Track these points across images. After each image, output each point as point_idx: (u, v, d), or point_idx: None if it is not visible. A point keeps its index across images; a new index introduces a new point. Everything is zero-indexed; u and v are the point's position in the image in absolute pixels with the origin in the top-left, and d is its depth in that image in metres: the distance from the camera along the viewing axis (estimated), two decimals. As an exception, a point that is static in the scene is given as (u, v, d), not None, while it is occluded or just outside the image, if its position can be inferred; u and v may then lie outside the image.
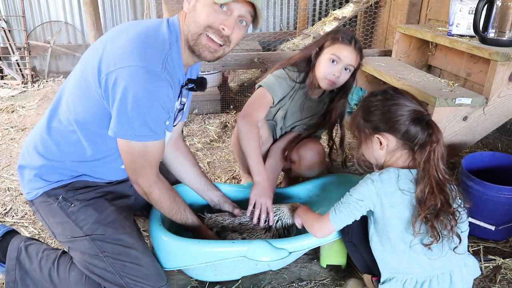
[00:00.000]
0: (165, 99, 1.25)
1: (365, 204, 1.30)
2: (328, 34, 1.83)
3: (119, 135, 1.25)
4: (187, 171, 1.71)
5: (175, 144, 1.69)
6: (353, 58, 1.76)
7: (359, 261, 1.50)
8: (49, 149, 1.39)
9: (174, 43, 1.30)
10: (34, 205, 1.44)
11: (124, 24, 1.33)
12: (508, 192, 1.76)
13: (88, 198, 1.41)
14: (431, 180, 1.21)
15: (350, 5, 3.77)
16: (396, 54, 2.96)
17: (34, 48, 4.51)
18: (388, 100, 1.28)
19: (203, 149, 2.88)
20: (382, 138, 1.28)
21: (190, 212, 1.55)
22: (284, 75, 1.87)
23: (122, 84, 1.18)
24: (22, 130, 3.17)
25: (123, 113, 1.21)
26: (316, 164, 1.91)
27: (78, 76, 1.32)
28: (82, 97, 1.30)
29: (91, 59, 1.27)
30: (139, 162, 1.31)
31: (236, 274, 1.58)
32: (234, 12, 1.27)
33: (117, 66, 1.19)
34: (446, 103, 2.02)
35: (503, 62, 2.01)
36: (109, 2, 4.57)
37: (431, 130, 1.23)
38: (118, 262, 1.34)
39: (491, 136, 2.81)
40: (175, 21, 1.34)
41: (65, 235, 1.39)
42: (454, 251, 1.26)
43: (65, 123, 1.35)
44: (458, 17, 2.36)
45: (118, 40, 1.25)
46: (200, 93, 3.51)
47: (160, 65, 1.22)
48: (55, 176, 1.40)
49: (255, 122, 1.77)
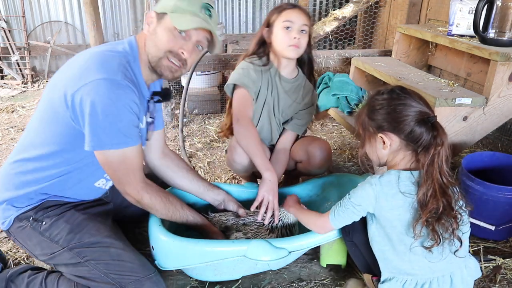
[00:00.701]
0: (131, 104, 1.29)
1: (363, 208, 1.30)
2: (272, 10, 1.88)
3: (96, 147, 1.28)
4: (182, 177, 1.71)
5: (163, 153, 1.70)
6: (304, 17, 1.80)
7: (360, 260, 1.50)
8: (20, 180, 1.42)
9: (132, 61, 1.37)
10: (11, 234, 1.46)
11: (80, 52, 1.40)
12: (508, 192, 1.76)
13: (58, 213, 1.43)
14: (434, 183, 1.20)
15: (350, 5, 3.77)
16: (396, 54, 2.96)
17: (34, 48, 4.52)
18: (395, 99, 1.27)
19: (203, 149, 2.88)
20: (385, 138, 1.27)
21: (189, 209, 1.56)
22: (246, 64, 1.88)
23: (88, 100, 1.23)
24: (22, 130, 3.17)
25: (95, 125, 1.25)
26: (325, 161, 1.93)
27: (43, 108, 1.38)
28: (51, 124, 1.35)
29: (54, 89, 1.33)
30: (120, 170, 1.33)
31: (236, 274, 1.58)
32: (192, 37, 1.37)
33: (79, 85, 1.24)
34: (446, 103, 2.02)
35: (503, 62, 2.01)
36: (109, 2, 4.57)
37: (436, 132, 1.21)
38: (101, 263, 1.36)
39: (491, 136, 2.81)
40: (133, 42, 1.42)
41: (45, 254, 1.41)
42: (455, 254, 1.25)
43: (34, 151, 1.39)
44: (458, 17, 2.36)
45: (75, 64, 1.33)
46: (200, 93, 3.52)
47: (119, 74, 1.28)
48: (25, 202, 1.43)
49: (248, 120, 1.78)
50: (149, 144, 1.62)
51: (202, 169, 2.58)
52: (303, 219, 1.52)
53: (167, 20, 1.35)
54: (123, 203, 1.49)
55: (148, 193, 1.41)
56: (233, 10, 4.84)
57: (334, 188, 1.83)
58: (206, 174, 2.52)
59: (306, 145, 1.95)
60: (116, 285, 1.35)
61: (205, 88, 3.62)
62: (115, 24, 4.69)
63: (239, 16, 4.89)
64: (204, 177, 2.33)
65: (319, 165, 1.93)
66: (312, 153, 1.91)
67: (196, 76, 3.55)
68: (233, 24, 4.90)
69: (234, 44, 4.15)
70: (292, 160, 2.02)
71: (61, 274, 1.44)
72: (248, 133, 1.75)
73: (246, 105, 1.82)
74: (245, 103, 1.83)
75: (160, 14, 1.37)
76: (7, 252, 1.78)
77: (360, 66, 2.90)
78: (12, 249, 1.80)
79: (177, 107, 3.39)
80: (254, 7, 4.87)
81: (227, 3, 4.79)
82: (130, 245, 1.45)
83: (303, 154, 1.94)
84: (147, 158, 1.68)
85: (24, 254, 1.77)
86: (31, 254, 1.47)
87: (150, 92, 1.50)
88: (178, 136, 2.79)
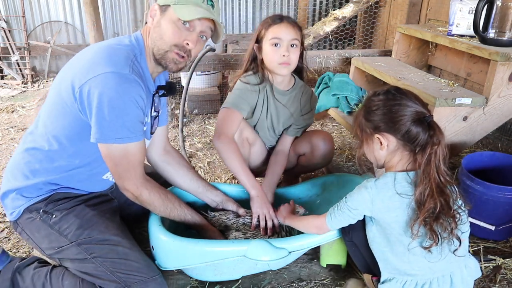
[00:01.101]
0: (138, 98, 1.30)
1: (359, 212, 1.31)
2: (260, 25, 1.81)
3: (100, 140, 1.29)
4: (182, 176, 1.71)
5: (165, 150, 1.70)
6: (292, 32, 1.72)
7: (360, 260, 1.50)
8: (30, 169, 1.43)
9: (138, 55, 1.38)
10: (19, 225, 1.46)
11: (88, 46, 1.42)
12: (508, 192, 1.76)
13: (68, 207, 1.44)
14: (431, 182, 1.20)
15: (350, 5, 3.77)
16: (396, 54, 2.96)
17: (34, 48, 4.51)
18: (390, 100, 1.27)
19: (203, 149, 2.88)
20: (382, 138, 1.27)
21: (188, 207, 1.56)
22: (242, 85, 1.84)
23: (96, 92, 1.25)
24: (22, 130, 3.17)
25: (101, 118, 1.26)
26: (329, 152, 1.95)
27: (52, 100, 1.39)
28: (59, 116, 1.36)
29: (63, 80, 1.34)
30: (122, 165, 1.34)
31: (236, 274, 1.58)
32: (196, 28, 1.39)
33: (88, 77, 1.26)
34: (446, 103, 2.02)
35: (503, 62, 2.01)
36: (109, 2, 4.57)
37: (432, 132, 1.22)
38: (108, 260, 1.36)
39: (491, 136, 2.81)
40: (139, 35, 1.44)
41: (52, 247, 1.41)
42: (454, 253, 1.25)
43: (43, 143, 1.40)
44: (458, 17, 2.36)
45: (83, 57, 1.35)
46: (200, 93, 3.52)
47: (127, 68, 1.29)
48: (35, 192, 1.43)
49: (229, 138, 1.75)
50: (152, 140, 1.62)
51: (202, 169, 2.59)
52: (299, 225, 1.53)
53: (170, 12, 1.36)
54: (127, 201, 1.49)
55: (147, 189, 1.41)
56: (233, 10, 4.84)
57: (334, 188, 1.83)
58: (206, 174, 2.52)
59: (310, 136, 1.96)
60: (122, 284, 1.35)
61: (205, 88, 3.62)
62: (115, 24, 4.69)
63: (239, 16, 4.89)
64: (204, 177, 2.34)
65: (323, 156, 1.94)
66: (316, 144, 1.92)
67: (196, 76, 3.55)
68: (233, 24, 4.90)
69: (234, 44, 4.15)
70: (295, 155, 2.02)
71: (66, 268, 1.44)
72: (230, 150, 1.72)
73: (229, 122, 1.78)
74: (230, 121, 1.78)
75: (163, 7, 1.38)
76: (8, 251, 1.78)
77: (360, 66, 2.90)
78: (12, 249, 1.80)
79: (177, 107, 3.39)
80: (254, 7, 4.87)
81: (227, 3, 4.79)
82: (136, 244, 1.45)
83: (306, 146, 1.95)
84: (148, 154, 1.68)
85: (24, 254, 1.77)
86: (37, 247, 1.47)
87: (155, 86, 1.51)
88: (178, 136, 2.79)
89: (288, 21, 1.74)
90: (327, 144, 1.93)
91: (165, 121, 1.68)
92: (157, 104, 1.53)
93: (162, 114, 1.61)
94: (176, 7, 1.35)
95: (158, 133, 1.64)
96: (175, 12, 1.34)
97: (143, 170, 1.41)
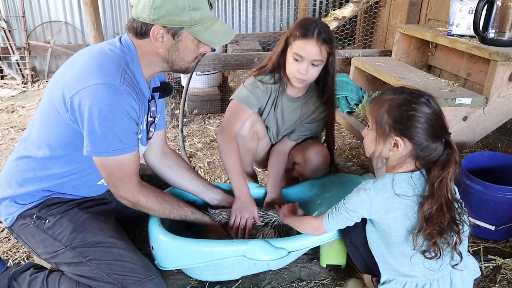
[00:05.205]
0: (129, 109, 1.28)
1: (357, 214, 1.30)
2: (292, 28, 1.73)
3: (92, 153, 1.29)
4: (182, 177, 1.71)
5: (163, 152, 1.70)
6: (316, 52, 1.65)
7: (359, 261, 1.50)
8: (23, 177, 1.42)
9: (130, 62, 1.35)
10: (14, 231, 1.46)
11: (81, 50, 1.40)
12: (508, 192, 1.76)
13: (62, 211, 1.43)
14: (441, 199, 1.19)
15: (350, 5, 3.77)
16: (396, 54, 2.96)
17: (34, 48, 4.52)
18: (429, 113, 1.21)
19: (203, 149, 2.88)
20: (400, 141, 1.23)
21: (187, 206, 1.56)
22: (255, 82, 1.82)
23: (87, 104, 1.23)
24: (22, 130, 3.18)
25: (92, 131, 1.25)
26: (321, 168, 1.88)
27: (45, 106, 1.37)
28: (52, 125, 1.35)
29: (55, 87, 1.32)
30: (116, 175, 1.34)
31: (235, 274, 1.58)
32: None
33: (78, 88, 1.24)
34: (446, 103, 2.02)
35: (503, 62, 2.01)
36: (109, 2, 4.57)
37: (450, 150, 1.20)
38: (103, 262, 1.36)
39: (491, 136, 2.81)
40: (128, 41, 1.36)
41: (48, 252, 1.41)
42: (454, 267, 1.26)
43: (36, 150, 1.39)
44: (458, 17, 2.36)
45: (75, 64, 1.33)
46: (200, 93, 3.52)
47: (118, 79, 1.26)
48: (28, 199, 1.43)
49: (232, 135, 1.76)
50: (150, 143, 1.62)
51: (202, 169, 2.59)
52: (298, 226, 1.52)
53: (188, 36, 1.33)
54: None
55: (144, 196, 1.41)
56: (233, 10, 4.84)
57: (334, 188, 1.83)
58: (206, 174, 2.52)
59: (304, 148, 1.91)
60: (118, 286, 1.35)
61: (205, 88, 3.62)
62: (115, 24, 4.69)
63: (239, 16, 4.89)
64: (204, 177, 2.33)
65: (314, 171, 1.88)
66: (309, 158, 1.86)
67: (196, 76, 3.55)
68: (233, 24, 4.90)
69: (234, 44, 4.15)
70: (291, 160, 2.01)
71: (62, 273, 1.44)
72: (229, 148, 1.73)
73: (237, 118, 1.78)
74: (238, 117, 1.79)
75: (171, 29, 1.30)
76: (7, 252, 1.78)
77: (360, 66, 2.90)
78: (12, 249, 1.80)
79: (177, 107, 3.39)
80: (254, 7, 4.87)
81: (227, 3, 4.79)
82: (132, 245, 1.45)
83: (300, 157, 1.91)
84: (147, 157, 1.68)
85: (24, 254, 1.77)
86: (33, 252, 1.47)
87: (151, 90, 1.49)
88: (178, 136, 2.80)
89: (318, 38, 1.64)
90: (320, 159, 1.84)
91: (162, 125, 1.67)
92: (154, 110, 1.52)
93: (159, 119, 1.60)
94: (195, 30, 1.31)
95: (156, 136, 1.63)
96: (199, 37, 1.32)
97: (138, 177, 1.40)
